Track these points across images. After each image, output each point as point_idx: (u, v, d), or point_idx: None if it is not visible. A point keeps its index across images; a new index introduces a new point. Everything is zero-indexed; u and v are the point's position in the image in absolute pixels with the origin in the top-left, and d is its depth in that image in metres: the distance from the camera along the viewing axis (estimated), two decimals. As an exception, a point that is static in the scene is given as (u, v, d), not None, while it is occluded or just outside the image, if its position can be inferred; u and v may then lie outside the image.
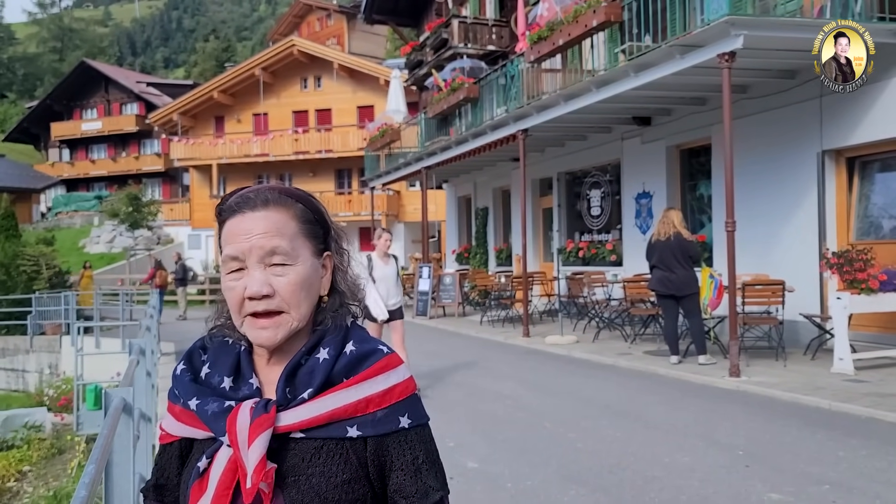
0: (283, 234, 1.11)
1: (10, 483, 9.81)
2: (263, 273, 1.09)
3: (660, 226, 8.37)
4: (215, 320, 1.20)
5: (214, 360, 1.15)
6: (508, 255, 17.78)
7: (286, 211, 1.13)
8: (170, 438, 1.18)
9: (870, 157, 8.96)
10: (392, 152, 20.49)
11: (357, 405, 1.08)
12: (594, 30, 10.09)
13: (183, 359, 1.19)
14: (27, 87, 73.81)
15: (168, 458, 1.18)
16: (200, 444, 1.13)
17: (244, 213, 1.12)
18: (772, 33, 7.77)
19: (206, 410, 1.09)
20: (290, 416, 1.07)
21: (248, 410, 1.07)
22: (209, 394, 1.12)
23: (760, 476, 4.51)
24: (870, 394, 6.47)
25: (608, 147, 13.58)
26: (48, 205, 44.00)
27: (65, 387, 13.75)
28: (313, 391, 1.08)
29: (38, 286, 19.82)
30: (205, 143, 32.72)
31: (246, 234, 1.10)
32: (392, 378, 1.12)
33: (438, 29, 19.05)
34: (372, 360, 1.12)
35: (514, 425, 6.15)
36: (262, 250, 1.09)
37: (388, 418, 1.10)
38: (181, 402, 1.14)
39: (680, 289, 8.19)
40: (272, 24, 65.52)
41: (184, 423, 1.14)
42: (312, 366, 1.11)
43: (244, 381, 1.12)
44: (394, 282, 7.13)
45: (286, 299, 1.09)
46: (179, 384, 1.16)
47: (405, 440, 1.11)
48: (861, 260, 7.35)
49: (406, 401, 1.12)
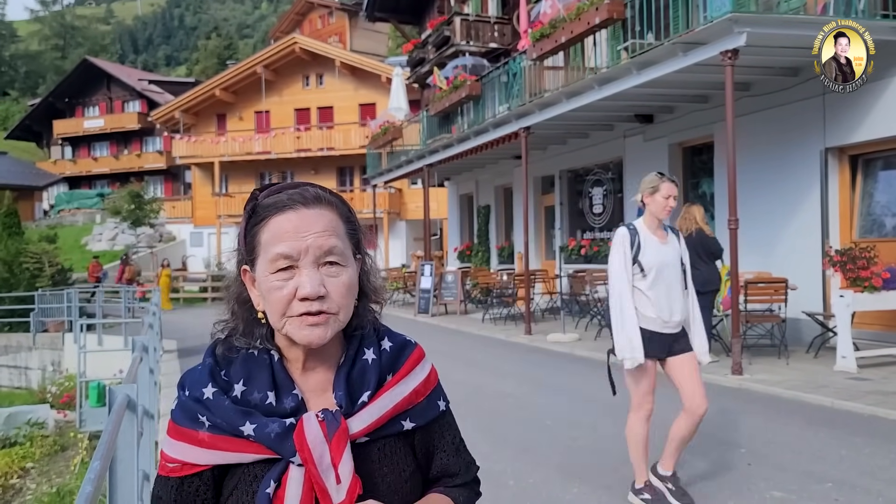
0: (339, 234, 1.08)
1: (13, 480, 9.84)
2: (318, 273, 1.04)
3: (681, 221, 8.09)
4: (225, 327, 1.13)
5: (247, 375, 1.07)
6: (510, 253, 17.78)
7: (336, 210, 1.10)
8: (192, 469, 1.05)
9: (873, 154, 8.94)
10: (394, 150, 20.49)
11: (409, 398, 1.11)
12: (597, 27, 10.08)
13: (207, 381, 1.08)
14: (29, 85, 73.89)
15: (194, 490, 1.06)
16: (248, 469, 1.04)
17: (297, 210, 1.06)
18: (775, 31, 7.75)
19: (269, 433, 1.02)
20: (357, 422, 1.06)
21: (319, 425, 1.02)
22: (259, 414, 1.04)
23: (763, 474, 4.51)
24: (872, 392, 6.46)
25: (610, 145, 13.56)
26: (51, 202, 44.06)
27: (67, 384, 13.79)
28: (371, 392, 1.08)
29: (41, 284, 19.86)
30: (207, 140, 32.73)
31: (303, 231, 1.05)
32: (426, 366, 1.16)
33: (440, 26, 19.04)
34: (408, 353, 1.15)
35: (516, 423, 6.15)
36: (319, 250, 1.05)
37: (431, 405, 1.14)
38: (207, 427, 1.04)
39: (703, 285, 7.89)
40: (274, 22, 65.49)
41: (219, 450, 1.04)
42: (363, 367, 1.10)
43: (286, 393, 1.06)
44: (678, 277, 3.99)
45: (337, 301, 1.05)
46: (215, 409, 1.04)
47: (445, 422, 1.17)
48: (864, 258, 7.34)
49: (439, 385, 1.18)
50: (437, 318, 15.06)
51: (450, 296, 15.89)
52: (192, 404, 1.06)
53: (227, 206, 30.52)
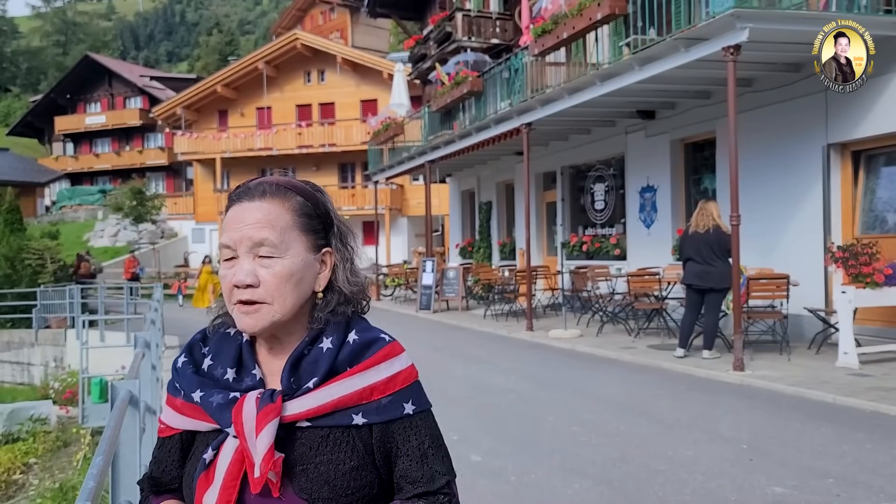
0: (274, 226, 1.11)
1: (16, 475, 9.87)
2: (251, 263, 1.10)
3: (698, 217, 8.04)
4: (219, 309, 1.20)
5: (216, 351, 1.16)
6: (512, 249, 17.77)
7: (282, 203, 1.14)
8: (170, 431, 1.17)
9: (876, 150, 8.93)
10: (395, 146, 20.47)
11: (362, 393, 1.10)
12: (598, 23, 10.05)
13: (184, 351, 1.19)
14: (31, 81, 73.89)
15: (167, 450, 1.18)
16: (204, 437, 1.13)
17: (241, 203, 1.14)
18: (777, 26, 7.72)
19: (211, 402, 1.10)
20: (296, 405, 1.08)
21: (254, 401, 1.07)
22: (213, 385, 1.12)
23: (764, 470, 4.51)
24: (874, 388, 6.46)
25: (612, 141, 13.55)
26: (52, 199, 44.07)
27: (70, 380, 13.80)
28: (318, 380, 1.09)
29: (43, 280, 19.88)
30: (208, 137, 32.74)
31: (238, 223, 1.12)
32: (395, 365, 1.13)
33: (442, 22, 19.01)
34: (375, 349, 1.13)
35: (518, 419, 6.16)
36: (250, 241, 1.10)
37: (393, 405, 1.11)
38: (182, 395, 1.14)
39: (719, 282, 7.88)
40: (275, 18, 65.43)
41: (186, 416, 1.14)
42: (316, 355, 1.12)
43: (247, 372, 1.13)
44: None
45: (270, 291, 1.09)
46: (181, 377, 1.16)
47: (410, 426, 1.12)
48: (866, 254, 7.33)
49: (410, 388, 1.14)
50: (438, 315, 15.08)
51: (451, 292, 15.89)
52: (173, 373, 1.18)
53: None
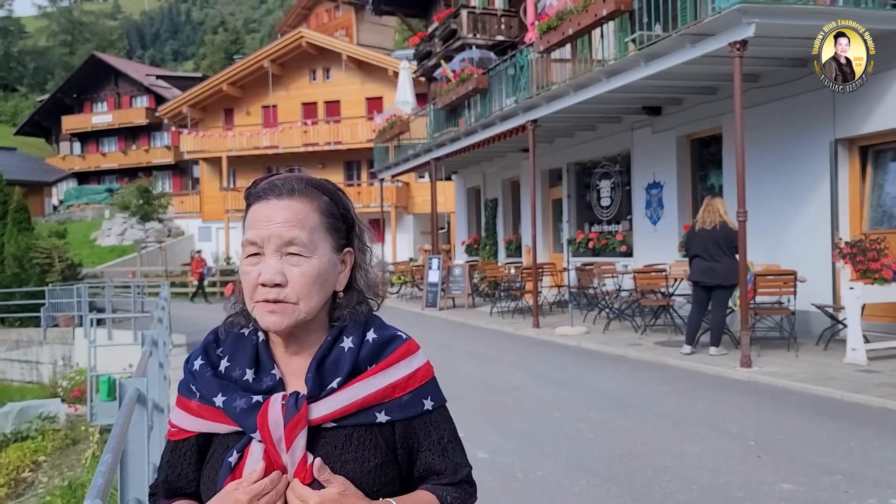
0: (304, 225, 1.11)
1: (25, 473, 9.93)
2: (279, 262, 1.10)
3: (704, 214, 8.03)
4: (233, 307, 1.20)
5: (232, 352, 1.15)
6: (518, 246, 17.75)
7: (310, 202, 1.13)
8: (184, 434, 1.15)
9: (883, 145, 8.88)
10: (401, 144, 20.48)
11: (385, 391, 1.11)
12: (604, 19, 10.03)
13: (199, 354, 1.18)
14: (38, 81, 74.14)
15: (182, 454, 1.16)
16: (223, 439, 1.12)
17: (268, 200, 1.12)
18: (784, 21, 7.69)
19: (235, 407, 1.09)
20: (322, 407, 1.09)
21: (280, 407, 1.07)
22: (233, 388, 1.11)
23: (772, 466, 4.50)
24: (882, 384, 6.44)
25: (618, 137, 13.51)
26: (60, 198, 44.23)
27: (78, 378, 13.86)
28: (342, 380, 1.10)
29: (51, 279, 19.97)
30: (214, 135, 32.82)
31: (267, 221, 1.11)
32: (414, 363, 1.15)
33: (447, 19, 19.00)
34: (394, 346, 1.15)
35: (524, 416, 6.16)
36: (280, 239, 1.10)
37: (414, 402, 1.13)
38: (198, 398, 1.13)
39: (726, 279, 7.87)
40: (280, 16, 65.46)
41: (203, 419, 1.13)
42: (338, 355, 1.12)
43: (266, 373, 1.12)
44: None
45: (297, 290, 1.09)
46: (199, 380, 1.14)
47: (431, 421, 1.16)
48: (874, 250, 7.30)
49: (428, 384, 1.16)
50: (444, 312, 15.08)
51: (457, 289, 15.90)
52: (188, 376, 1.16)
53: (235, 201, 30.59)
